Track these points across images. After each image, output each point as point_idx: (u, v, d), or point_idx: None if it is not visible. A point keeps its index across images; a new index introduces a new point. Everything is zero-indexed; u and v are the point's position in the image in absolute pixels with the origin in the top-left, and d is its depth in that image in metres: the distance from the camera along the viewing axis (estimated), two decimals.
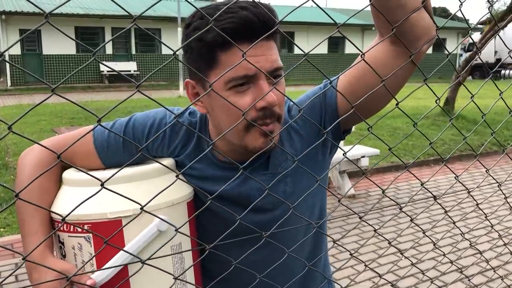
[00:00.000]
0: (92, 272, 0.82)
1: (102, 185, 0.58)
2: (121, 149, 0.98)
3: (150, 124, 0.99)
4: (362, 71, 0.92)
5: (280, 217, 0.94)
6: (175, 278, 0.72)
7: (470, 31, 1.01)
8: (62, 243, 0.88)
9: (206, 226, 1.00)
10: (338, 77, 0.97)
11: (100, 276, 0.81)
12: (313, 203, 1.04)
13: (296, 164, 0.86)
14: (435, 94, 0.96)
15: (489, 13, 0.99)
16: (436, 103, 0.96)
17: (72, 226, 0.84)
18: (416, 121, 0.95)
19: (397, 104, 0.90)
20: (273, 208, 0.98)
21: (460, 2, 0.93)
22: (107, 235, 0.79)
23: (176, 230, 0.70)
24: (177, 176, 0.64)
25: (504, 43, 1.13)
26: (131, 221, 0.75)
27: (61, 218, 0.67)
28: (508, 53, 1.05)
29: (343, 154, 0.87)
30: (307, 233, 1.04)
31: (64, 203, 0.90)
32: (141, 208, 0.64)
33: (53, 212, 0.73)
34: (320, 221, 1.06)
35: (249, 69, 0.82)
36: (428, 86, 0.92)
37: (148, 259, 0.68)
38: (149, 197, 0.70)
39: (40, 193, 0.92)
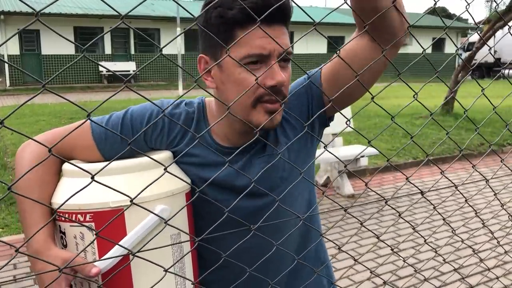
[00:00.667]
0: (95, 261, 0.82)
1: (92, 177, 0.58)
2: (119, 140, 0.99)
3: (148, 115, 1.00)
4: (343, 64, 0.98)
5: (273, 202, 0.96)
6: (165, 271, 0.73)
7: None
8: (63, 233, 0.89)
9: (202, 214, 1.01)
10: (321, 68, 1.04)
11: (103, 263, 0.82)
12: (303, 188, 1.09)
13: (289, 151, 0.98)
14: (412, 90, 1.01)
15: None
16: (414, 97, 1.02)
17: (73, 216, 0.85)
18: (393, 115, 0.99)
19: (372, 98, 0.95)
20: (268, 193, 1.01)
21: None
22: (109, 224, 0.81)
23: (165, 222, 0.71)
24: (165, 169, 0.65)
25: (497, 43, 1.13)
26: (119, 214, 0.74)
27: (59, 208, 0.67)
28: (494, 53, 1.05)
29: (324, 147, 0.92)
30: (298, 219, 1.07)
31: (65, 194, 0.90)
32: (130, 201, 0.64)
33: (45, 204, 0.73)
34: (310, 210, 1.11)
35: (264, 48, 0.87)
36: (403, 81, 0.97)
37: (138, 251, 0.68)
38: (149, 188, 0.71)
39: (40, 185, 0.93)
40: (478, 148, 7.12)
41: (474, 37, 18.01)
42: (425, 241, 1.03)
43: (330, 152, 0.90)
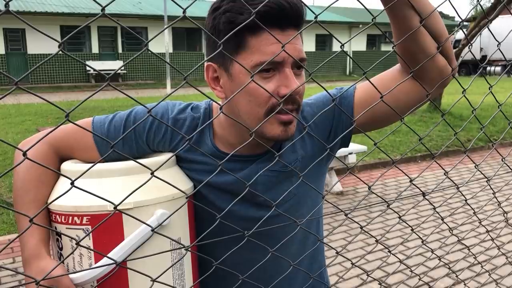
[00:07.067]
0: (88, 268, 0.80)
1: (72, 183, 0.55)
2: (120, 143, 0.97)
3: (151, 118, 0.97)
4: (383, 90, 0.95)
5: (280, 216, 0.93)
6: (153, 280, 0.69)
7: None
8: (59, 236, 0.87)
9: (207, 220, 0.97)
10: (354, 88, 1.00)
11: (87, 275, 0.79)
12: (313, 206, 1.05)
13: (303, 166, 0.93)
14: (377, 90, 0.99)
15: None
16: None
17: (70, 218, 0.83)
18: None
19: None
20: (276, 206, 0.98)
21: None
22: (106, 227, 0.79)
23: (153, 230, 0.68)
24: (152, 173, 0.62)
25: (488, 36, 1.13)
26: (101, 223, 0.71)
27: (59, 210, 0.70)
28: (480, 50, 1.04)
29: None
30: (305, 235, 1.05)
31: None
32: (114, 207, 0.61)
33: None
34: (316, 217, 1.08)
35: (277, 55, 0.82)
36: (369, 80, 0.94)
37: (131, 259, 0.66)
38: (147, 191, 0.70)
39: (36, 186, 0.91)
40: (465, 144, 7.17)
41: (461, 34, 18.14)
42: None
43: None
